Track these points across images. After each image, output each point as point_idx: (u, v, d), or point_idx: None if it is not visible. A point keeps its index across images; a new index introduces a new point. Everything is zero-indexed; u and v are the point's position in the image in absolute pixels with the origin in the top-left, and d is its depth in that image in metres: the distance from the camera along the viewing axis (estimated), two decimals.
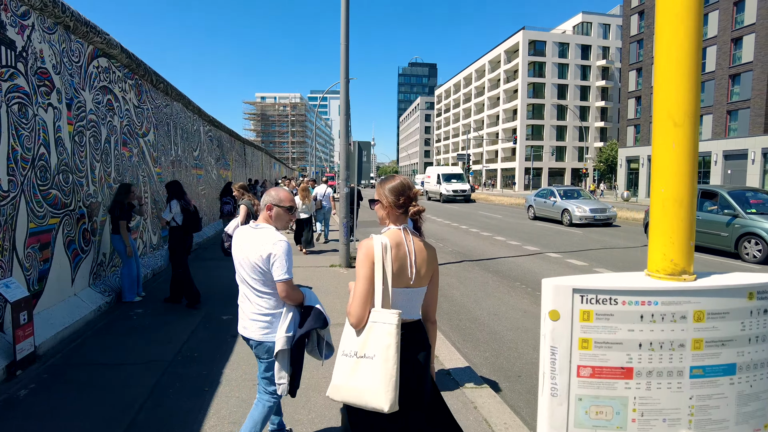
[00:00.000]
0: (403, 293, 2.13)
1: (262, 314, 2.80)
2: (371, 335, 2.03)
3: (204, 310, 6.46)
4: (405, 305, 2.13)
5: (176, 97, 10.99)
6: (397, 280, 2.10)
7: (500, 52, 75.13)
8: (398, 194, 2.20)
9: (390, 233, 2.18)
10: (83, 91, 6.27)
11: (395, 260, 2.09)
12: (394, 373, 1.97)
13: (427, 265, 2.20)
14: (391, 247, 2.10)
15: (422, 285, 2.20)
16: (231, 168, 19.59)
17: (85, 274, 6.19)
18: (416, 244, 2.19)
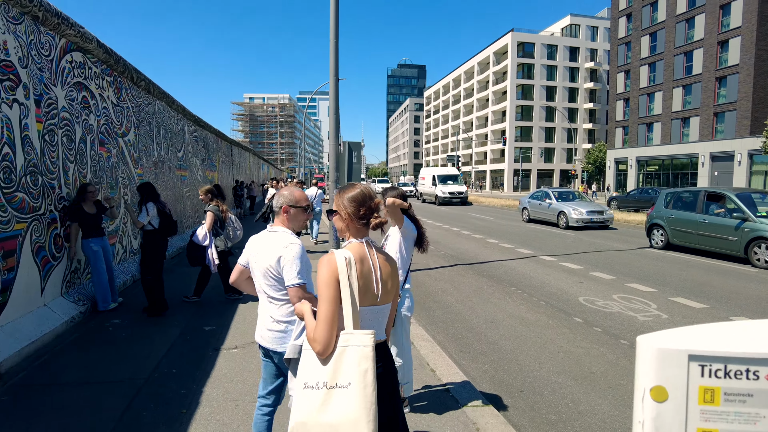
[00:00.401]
0: (371, 312, 1.97)
1: (277, 322, 2.62)
2: (344, 361, 1.83)
3: (185, 320, 6.08)
4: (373, 325, 1.97)
5: (159, 95, 10.57)
6: (363, 298, 1.94)
7: (489, 54, 75.24)
8: (359, 204, 2.03)
9: (352, 247, 2.01)
10: (54, 87, 5.86)
11: (360, 276, 1.93)
12: (373, 399, 1.78)
13: (392, 279, 2.06)
14: (355, 261, 1.93)
15: (388, 302, 2.05)
16: (217, 169, 19.14)
17: (56, 283, 5.79)
18: (380, 257, 2.05)
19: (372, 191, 2.11)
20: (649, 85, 46.14)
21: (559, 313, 6.95)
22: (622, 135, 50.56)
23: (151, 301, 6.09)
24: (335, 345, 1.86)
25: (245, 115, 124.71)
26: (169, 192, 11.54)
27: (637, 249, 13.02)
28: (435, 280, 9.15)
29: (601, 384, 4.56)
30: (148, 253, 6.12)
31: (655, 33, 45.33)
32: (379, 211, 2.08)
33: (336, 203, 2.11)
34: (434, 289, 8.36)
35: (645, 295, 7.91)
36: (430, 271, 9.98)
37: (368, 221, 2.04)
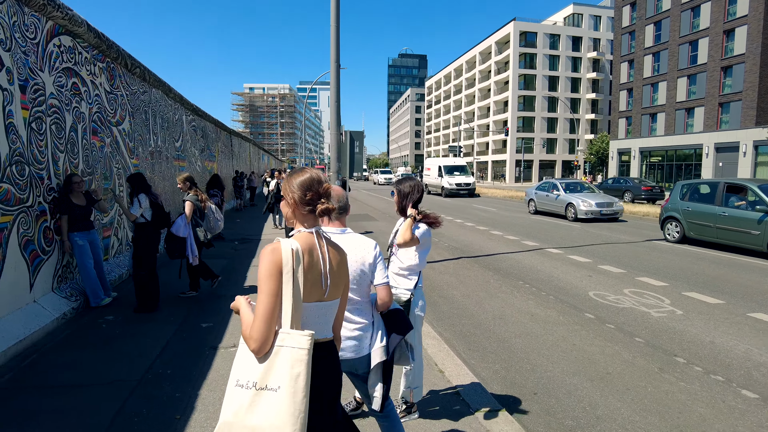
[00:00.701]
0: (316, 308, 1.84)
1: (359, 329, 2.44)
2: (276, 362, 1.69)
3: (181, 316, 5.84)
4: (318, 322, 1.84)
5: (155, 83, 10.26)
6: (309, 293, 1.80)
7: (491, 44, 74.52)
8: (305, 189, 1.86)
9: (300, 237, 1.86)
10: (41, 72, 5.57)
11: (308, 269, 1.79)
12: (302, 408, 1.65)
13: (342, 274, 1.94)
14: (303, 253, 1.78)
15: (336, 297, 1.92)
16: (217, 159, 18.85)
17: (47, 278, 5.54)
18: (330, 249, 1.91)
19: (322, 176, 1.94)
20: (653, 75, 45.63)
21: (569, 308, 6.70)
22: (625, 125, 50.10)
23: (141, 298, 5.84)
24: (272, 343, 1.71)
25: (245, 106, 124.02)
26: (167, 183, 11.27)
27: (645, 242, 12.76)
28: (440, 273, 8.90)
29: (618, 385, 4.33)
30: (140, 247, 5.86)
31: (660, 22, 44.73)
32: (328, 197, 1.90)
33: (283, 188, 1.95)
34: (439, 283, 8.11)
35: (657, 289, 7.66)
36: (434, 264, 9.73)
37: (314, 207, 1.87)
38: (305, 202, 1.86)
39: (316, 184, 1.88)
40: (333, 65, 8.42)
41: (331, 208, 1.89)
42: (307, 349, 1.68)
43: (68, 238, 5.84)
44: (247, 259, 9.57)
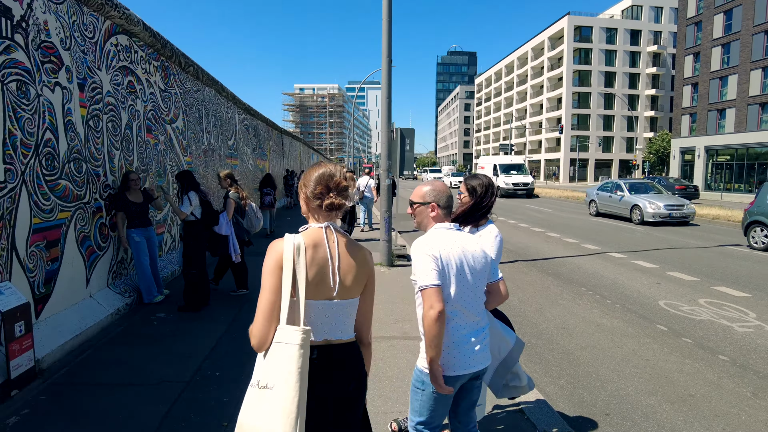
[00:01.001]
0: (324, 307, 1.74)
1: (485, 331, 2.42)
2: (273, 360, 1.65)
3: (232, 315, 5.77)
4: (328, 322, 1.76)
5: (208, 81, 10.38)
6: (315, 291, 1.72)
7: (544, 39, 72.27)
8: (316, 183, 1.81)
9: (308, 232, 1.79)
10: (99, 71, 5.63)
11: (311, 265, 1.72)
12: (294, 408, 1.57)
13: (356, 271, 1.81)
14: (306, 248, 1.72)
15: (350, 297, 1.80)
16: (268, 158, 19.08)
17: (102, 274, 5.60)
18: (342, 245, 1.81)
19: (336, 171, 1.85)
20: (721, 68, 42.71)
21: (638, 318, 6.17)
22: (689, 122, 47.22)
23: (189, 297, 5.79)
24: (272, 340, 1.68)
25: (295, 106, 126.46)
26: None
27: (719, 247, 11.80)
28: None
29: (704, 410, 3.84)
30: (190, 245, 5.82)
31: (731, 10, 41.80)
32: (339, 191, 1.81)
33: (300, 182, 1.92)
34: None
35: (738, 301, 6.96)
36: None
37: (322, 202, 1.80)
38: (315, 195, 1.81)
39: (327, 178, 1.81)
40: (384, 61, 8.18)
41: (337, 202, 1.79)
42: (299, 345, 1.61)
43: (125, 234, 5.90)
44: None
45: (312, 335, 1.71)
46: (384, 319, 5.72)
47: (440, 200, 2.34)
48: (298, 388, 1.59)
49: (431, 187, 2.39)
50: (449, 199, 2.36)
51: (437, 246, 2.17)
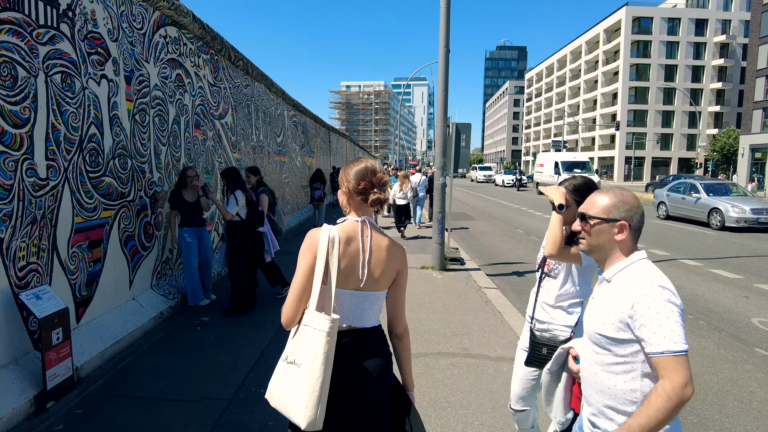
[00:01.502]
0: (352, 296, 1.84)
1: None
2: (302, 340, 1.77)
3: (278, 320, 5.44)
4: (353, 310, 1.85)
5: (257, 77, 10.18)
6: (345, 280, 1.81)
7: (599, 32, 69.26)
8: (359, 178, 1.86)
9: (344, 225, 1.88)
10: (146, 64, 5.43)
11: (343, 256, 1.80)
12: (317, 387, 1.68)
13: (385, 266, 1.87)
14: (340, 240, 1.81)
15: (378, 289, 1.88)
16: (316, 155, 18.93)
17: (146, 275, 5.40)
18: (375, 240, 1.88)
19: (377, 166, 1.90)
20: None
21: (730, 339, 5.41)
22: (761, 118, 43.96)
23: (235, 301, 5.52)
24: (299, 320, 1.81)
25: (342, 103, 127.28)
26: (268, 178, 11.23)
27: None
28: None
29: None
30: (236, 248, 5.53)
31: None
32: (381, 187, 1.86)
33: (340, 177, 1.96)
34: None
35: None
36: None
37: (367, 197, 1.85)
38: (358, 191, 1.85)
39: (370, 174, 1.86)
40: (442, 51, 7.66)
41: (383, 198, 1.85)
42: (326, 332, 1.70)
43: (177, 233, 5.71)
44: None
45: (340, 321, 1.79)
46: (441, 331, 5.24)
47: (633, 218, 1.65)
48: (323, 370, 1.69)
49: (619, 199, 1.67)
50: (642, 218, 1.68)
51: (674, 290, 1.56)
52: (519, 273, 8.58)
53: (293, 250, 7.61)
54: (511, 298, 6.90)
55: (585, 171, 28.22)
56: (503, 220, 16.96)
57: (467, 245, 11.43)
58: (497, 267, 9.10)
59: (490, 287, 7.21)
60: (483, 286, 7.23)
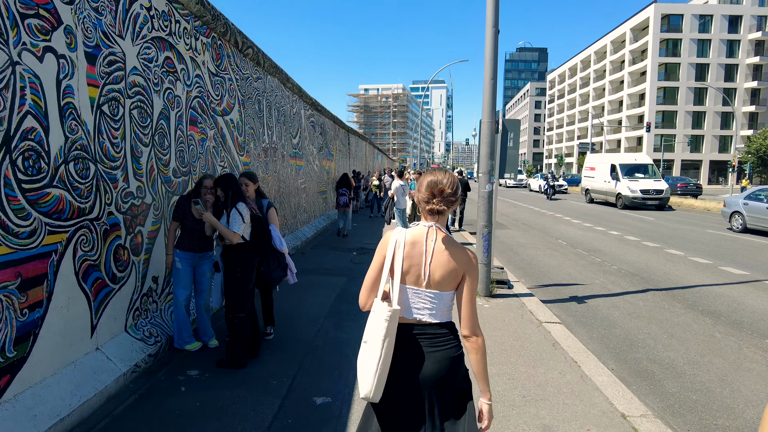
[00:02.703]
0: (410, 292, 2.07)
1: None
2: (370, 323, 2.05)
3: (289, 375, 4.13)
4: (417, 305, 2.07)
5: (270, 69, 8.94)
6: (407, 277, 2.07)
7: (625, 31, 66.96)
8: (425, 188, 2.09)
9: (413, 229, 2.12)
10: (120, 40, 4.19)
11: (407, 257, 2.05)
12: (377, 361, 1.97)
13: (448, 268, 2.04)
14: (406, 243, 2.06)
15: (441, 289, 2.07)
16: (335, 158, 17.67)
17: (118, 314, 4.14)
18: (439, 244, 2.07)
19: (444, 178, 2.08)
20: None
21: None
22: None
23: (232, 349, 4.21)
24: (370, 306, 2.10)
25: (360, 107, 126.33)
26: (283, 184, 9.99)
27: None
28: (629, 315, 6.39)
29: None
30: (236, 278, 4.22)
31: None
32: (446, 198, 2.05)
33: (417, 185, 2.18)
34: (638, 335, 5.65)
35: None
36: (613, 298, 7.20)
37: (427, 206, 2.07)
38: (424, 200, 2.08)
39: (433, 185, 2.06)
40: (489, 31, 6.30)
41: (437, 209, 2.05)
42: (386, 319, 1.97)
43: (172, 253, 4.49)
44: None
45: (404, 313, 2.06)
46: (506, 395, 3.87)
47: None
48: (381, 351, 1.97)
49: None
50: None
51: None
52: (578, 299, 7.15)
53: (312, 268, 6.30)
54: (580, 337, 5.49)
55: (648, 175, 23.60)
56: (539, 228, 15.45)
57: (507, 260, 10.01)
58: (550, 290, 7.68)
59: (551, 321, 5.80)
60: (543, 320, 5.82)
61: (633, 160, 24.50)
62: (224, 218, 4.16)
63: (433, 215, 2.07)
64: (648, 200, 22.29)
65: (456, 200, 2.08)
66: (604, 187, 24.86)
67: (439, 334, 2.06)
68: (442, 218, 2.11)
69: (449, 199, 2.05)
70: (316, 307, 6.09)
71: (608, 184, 24.39)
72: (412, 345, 2.04)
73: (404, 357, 2.03)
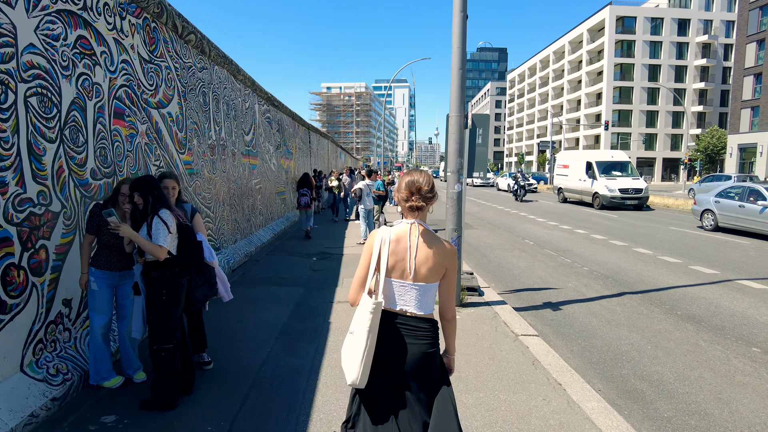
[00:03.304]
0: (398, 284, 2.22)
1: None
2: (356, 315, 2.21)
3: (230, 412, 3.43)
4: (403, 297, 2.22)
5: (218, 59, 8.13)
6: (392, 271, 2.22)
7: (582, 32, 68.47)
8: (404, 188, 2.26)
9: (396, 227, 2.27)
10: (8, 8, 3.37)
11: (392, 253, 2.21)
12: (362, 351, 2.13)
13: (430, 263, 2.21)
14: (391, 240, 2.22)
15: (426, 281, 2.22)
16: (294, 157, 16.85)
17: (11, 350, 3.33)
18: (421, 240, 2.22)
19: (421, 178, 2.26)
20: None
21: None
22: (749, 117, 43.26)
23: (159, 386, 3.47)
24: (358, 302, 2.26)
25: (322, 105, 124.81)
26: (234, 185, 9.17)
27: None
28: (607, 323, 5.97)
29: None
30: (162, 303, 3.47)
31: None
32: (424, 196, 2.23)
33: (395, 188, 2.35)
34: (621, 346, 5.21)
35: None
36: (589, 303, 6.79)
37: (407, 203, 2.24)
38: (404, 198, 2.25)
39: (411, 184, 2.25)
40: (457, 16, 5.72)
41: (417, 205, 2.23)
42: (370, 311, 2.13)
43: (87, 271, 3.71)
44: (329, 288, 7.13)
45: (389, 304, 2.23)
46: None
47: None
48: (366, 338, 2.13)
49: None
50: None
51: None
52: (552, 305, 6.70)
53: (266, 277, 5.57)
54: (560, 351, 5.01)
55: (626, 173, 22.43)
56: (505, 228, 15.13)
57: (476, 263, 9.53)
58: (522, 296, 7.21)
59: (528, 334, 5.30)
60: (519, 332, 5.31)
61: (610, 158, 23.40)
62: (144, 229, 3.42)
63: (413, 212, 2.25)
64: (627, 200, 21.14)
65: (433, 197, 2.26)
66: (579, 186, 23.62)
67: (421, 327, 2.21)
68: (422, 214, 2.26)
69: (427, 196, 2.23)
70: (267, 326, 5.38)
71: (584, 182, 23.13)
72: (393, 333, 2.19)
73: (385, 344, 2.18)
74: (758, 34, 41.70)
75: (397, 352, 2.18)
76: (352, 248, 10.58)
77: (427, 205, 2.24)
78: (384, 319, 2.17)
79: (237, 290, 6.70)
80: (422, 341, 2.19)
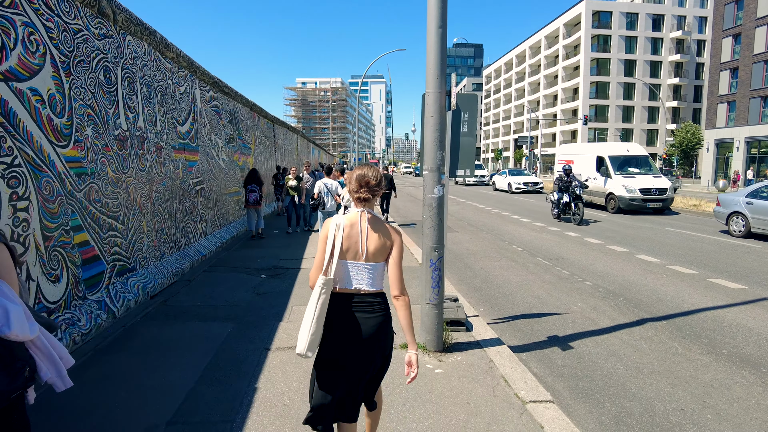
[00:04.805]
0: (352, 265, 2.47)
1: None
2: (312, 293, 2.44)
3: None
4: (357, 276, 2.47)
5: (131, 27, 6.33)
6: (348, 254, 2.47)
7: (559, 26, 67.82)
8: (356, 181, 2.52)
9: (349, 215, 2.52)
10: None
11: (346, 238, 2.46)
12: (309, 323, 2.37)
13: (379, 243, 2.48)
14: (345, 226, 2.47)
15: (376, 261, 2.50)
16: (253, 153, 15.03)
17: None
18: (370, 225, 2.50)
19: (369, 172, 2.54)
20: (767, 50, 38.36)
21: None
22: (726, 112, 42.90)
23: None
24: None
25: (297, 100, 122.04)
26: (158, 186, 7.39)
27: None
28: (637, 370, 4.44)
29: None
30: None
31: None
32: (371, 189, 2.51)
33: (347, 177, 2.65)
34: (670, 415, 3.67)
35: None
36: (605, 337, 5.27)
37: (356, 194, 2.52)
38: (354, 190, 2.52)
39: (360, 178, 2.52)
40: None
41: (364, 197, 2.51)
42: (320, 286, 2.39)
43: None
44: (269, 324, 5.42)
45: (345, 284, 2.47)
46: None
47: None
48: (314, 312, 2.37)
49: None
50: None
51: None
52: (560, 341, 5.16)
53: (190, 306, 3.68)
54: (588, 427, 3.44)
55: (645, 170, 18.66)
56: (488, 230, 13.62)
57: (459, 278, 7.96)
58: (520, 326, 5.66)
59: (539, 400, 3.71)
60: (527, 397, 3.73)
61: (625, 151, 19.28)
62: None
63: (361, 202, 2.54)
64: (649, 202, 17.40)
65: (380, 190, 2.54)
66: (589, 185, 18.81)
67: (374, 302, 2.49)
68: (369, 204, 2.55)
69: (374, 189, 2.52)
70: (162, 396, 3.66)
71: (595, 181, 19.07)
72: (352, 312, 2.44)
73: (345, 323, 2.43)
74: (734, 29, 41.28)
75: (355, 329, 2.42)
76: (312, 261, 8.90)
77: (374, 197, 2.54)
78: (342, 301, 2.45)
79: (143, 331, 4.96)
80: (377, 314, 2.48)
